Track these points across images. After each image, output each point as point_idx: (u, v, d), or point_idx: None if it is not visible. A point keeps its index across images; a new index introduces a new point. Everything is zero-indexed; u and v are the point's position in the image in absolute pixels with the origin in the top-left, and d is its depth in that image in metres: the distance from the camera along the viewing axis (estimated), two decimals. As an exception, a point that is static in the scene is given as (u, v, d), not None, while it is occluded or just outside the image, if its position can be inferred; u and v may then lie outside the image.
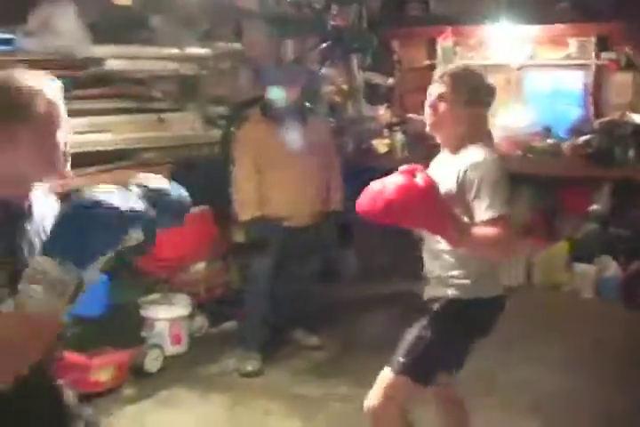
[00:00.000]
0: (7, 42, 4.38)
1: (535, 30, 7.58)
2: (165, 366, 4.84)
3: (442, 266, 3.17)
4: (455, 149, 3.17)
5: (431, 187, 2.73)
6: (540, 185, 7.08)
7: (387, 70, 7.97)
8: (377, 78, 7.69)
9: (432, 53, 8.13)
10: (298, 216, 4.89)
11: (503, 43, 7.75)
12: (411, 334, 3.18)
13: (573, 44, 7.53)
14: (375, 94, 7.62)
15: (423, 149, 6.69)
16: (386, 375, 3.18)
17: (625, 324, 5.92)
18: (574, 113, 7.69)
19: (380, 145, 7.39)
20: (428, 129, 3.28)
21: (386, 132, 7.54)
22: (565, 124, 7.46)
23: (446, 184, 2.97)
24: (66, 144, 1.97)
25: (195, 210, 5.09)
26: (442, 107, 3.16)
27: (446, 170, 3.08)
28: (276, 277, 5.10)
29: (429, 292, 3.26)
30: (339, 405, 3.57)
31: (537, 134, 7.38)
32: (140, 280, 5.01)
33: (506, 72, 7.89)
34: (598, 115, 7.48)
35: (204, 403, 4.48)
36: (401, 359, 3.13)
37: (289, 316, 5.40)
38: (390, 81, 7.95)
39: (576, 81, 7.73)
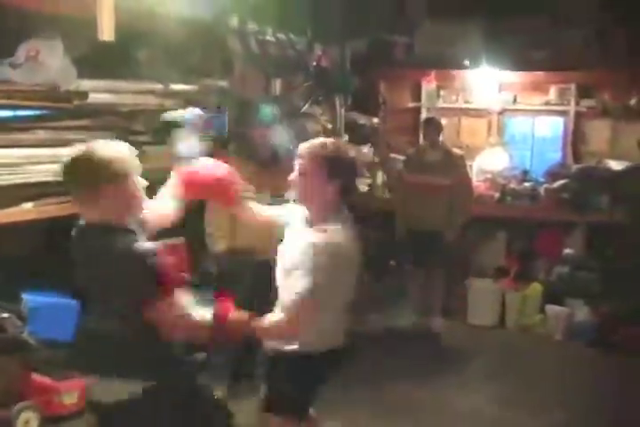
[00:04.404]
0: (-4, 73, 4.53)
1: (517, 76, 7.79)
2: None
3: None
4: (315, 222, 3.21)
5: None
6: (516, 227, 7.23)
7: (372, 111, 8.15)
8: (361, 118, 7.84)
9: (416, 96, 8.35)
10: (270, 250, 4.97)
11: (485, 87, 7.95)
12: None
13: (553, 91, 7.73)
14: (359, 134, 7.75)
15: (403, 189, 6.84)
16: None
17: (592, 367, 6.04)
18: (552, 158, 7.87)
19: (361, 184, 7.52)
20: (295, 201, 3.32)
21: (367, 171, 7.69)
22: (543, 169, 7.63)
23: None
24: (139, 189, 2.79)
25: (169, 241, 5.24)
26: (303, 180, 3.16)
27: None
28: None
29: None
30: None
31: (515, 177, 7.54)
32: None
33: (487, 116, 8.09)
34: (576, 160, 7.67)
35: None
36: None
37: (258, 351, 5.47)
38: (375, 121, 8.11)
39: (555, 127, 7.92)
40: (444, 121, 7.15)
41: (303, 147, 3.17)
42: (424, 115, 8.12)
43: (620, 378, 5.70)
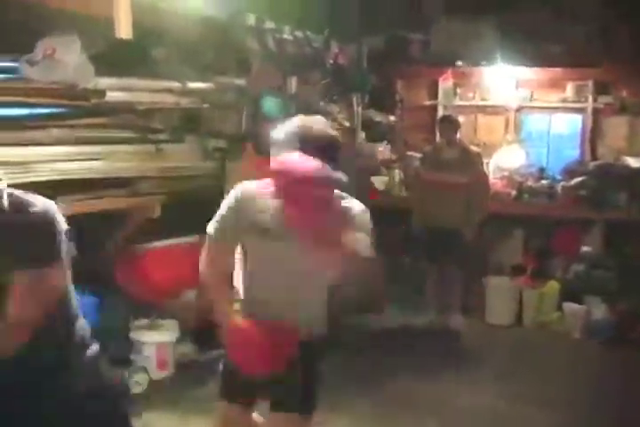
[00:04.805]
0: (12, 70, 4.55)
1: (534, 73, 7.77)
2: (150, 389, 4.95)
3: None
4: None
5: None
6: (533, 225, 7.21)
7: (388, 108, 8.15)
8: (378, 116, 7.84)
9: (433, 93, 8.34)
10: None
11: (502, 84, 7.93)
12: None
13: (570, 88, 7.71)
14: (376, 132, 7.76)
15: (420, 187, 6.84)
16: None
17: (610, 365, 6.00)
18: (570, 155, 7.84)
19: (379, 182, 7.52)
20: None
21: (384, 169, 7.70)
22: (560, 166, 7.60)
23: None
24: None
25: (187, 239, 5.27)
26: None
27: None
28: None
29: None
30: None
31: (532, 175, 7.52)
32: (130, 304, 5.13)
33: (504, 113, 8.07)
34: (594, 157, 7.63)
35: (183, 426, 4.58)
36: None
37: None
38: (391, 119, 8.11)
39: (572, 123, 7.89)
40: (461, 118, 7.12)
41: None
42: (441, 112, 8.11)
43: (639, 376, 5.67)
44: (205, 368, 5.38)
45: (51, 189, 4.37)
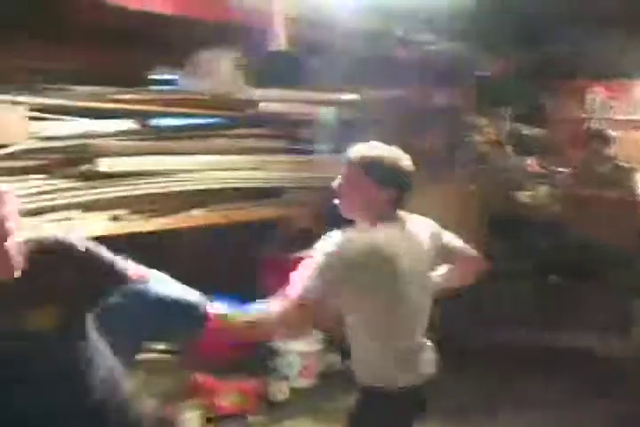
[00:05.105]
0: (172, 82, 4.73)
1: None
2: (293, 397, 5.00)
3: None
4: None
5: None
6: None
7: (538, 121, 8.00)
8: (526, 129, 7.72)
9: (586, 107, 8.13)
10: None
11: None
12: None
13: None
14: (524, 145, 7.63)
15: (569, 202, 6.69)
16: None
17: None
18: None
19: (525, 196, 7.39)
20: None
21: (532, 183, 7.55)
22: None
23: None
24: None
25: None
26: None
27: None
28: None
29: None
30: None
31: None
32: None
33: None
34: None
35: (326, 435, 4.60)
36: None
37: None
38: (541, 132, 7.96)
39: None
40: (616, 133, 6.91)
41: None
42: (594, 126, 7.89)
43: None
44: (350, 378, 5.41)
45: (205, 197, 4.51)
